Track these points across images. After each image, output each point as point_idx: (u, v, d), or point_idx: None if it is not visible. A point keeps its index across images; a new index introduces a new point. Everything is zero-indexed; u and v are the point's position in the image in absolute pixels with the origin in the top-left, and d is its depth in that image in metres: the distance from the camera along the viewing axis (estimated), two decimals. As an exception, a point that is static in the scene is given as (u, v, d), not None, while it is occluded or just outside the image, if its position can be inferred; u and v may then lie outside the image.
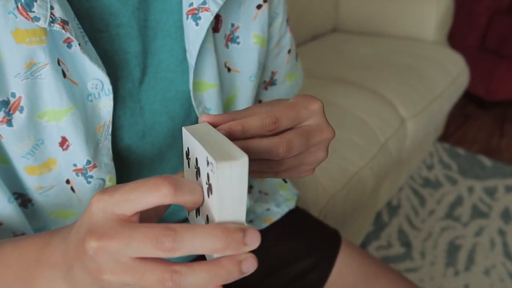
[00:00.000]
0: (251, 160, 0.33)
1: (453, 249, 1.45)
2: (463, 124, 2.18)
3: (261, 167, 0.36)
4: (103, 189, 0.28)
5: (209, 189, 0.27)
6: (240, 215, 0.27)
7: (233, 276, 0.26)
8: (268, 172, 0.37)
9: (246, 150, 0.33)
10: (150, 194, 0.26)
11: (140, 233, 0.25)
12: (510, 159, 1.92)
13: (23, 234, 0.46)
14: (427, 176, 1.79)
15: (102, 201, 0.27)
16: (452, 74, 1.54)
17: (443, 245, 1.47)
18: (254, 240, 0.26)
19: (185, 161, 0.33)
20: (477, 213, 1.61)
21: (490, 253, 1.44)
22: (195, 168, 0.30)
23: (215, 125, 0.34)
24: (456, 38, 2.25)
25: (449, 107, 1.56)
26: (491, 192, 1.71)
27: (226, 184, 0.26)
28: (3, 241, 0.38)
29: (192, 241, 0.25)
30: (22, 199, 0.45)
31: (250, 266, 0.26)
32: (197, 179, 0.30)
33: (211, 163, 0.26)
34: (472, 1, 2.15)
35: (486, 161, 1.89)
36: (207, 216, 0.29)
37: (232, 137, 0.33)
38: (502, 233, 1.52)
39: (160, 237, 0.25)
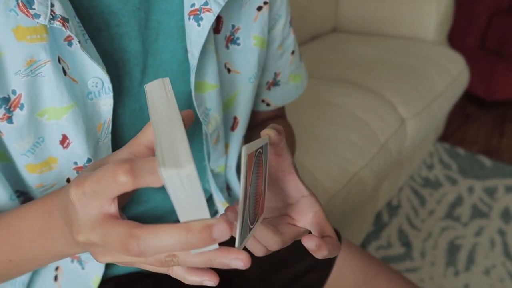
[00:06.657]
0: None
1: (453, 249, 1.45)
2: (463, 124, 2.18)
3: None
4: (77, 179, 0.29)
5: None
6: (202, 212, 0.26)
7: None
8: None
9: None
10: (111, 185, 0.26)
11: (111, 239, 0.27)
12: (510, 159, 1.92)
13: None
14: (427, 176, 1.79)
15: (77, 194, 0.28)
16: (452, 74, 1.54)
17: (443, 245, 1.47)
18: (222, 234, 0.25)
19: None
20: (477, 213, 1.61)
21: (490, 253, 1.44)
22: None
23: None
24: (456, 38, 2.24)
25: (449, 107, 1.56)
26: (491, 192, 1.71)
27: (177, 189, 0.25)
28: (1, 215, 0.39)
29: (157, 245, 0.25)
30: (24, 197, 0.45)
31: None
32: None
33: (159, 163, 0.24)
34: (472, 1, 2.15)
35: (486, 161, 1.89)
36: None
37: None
38: (502, 233, 1.52)
39: (127, 245, 0.25)
